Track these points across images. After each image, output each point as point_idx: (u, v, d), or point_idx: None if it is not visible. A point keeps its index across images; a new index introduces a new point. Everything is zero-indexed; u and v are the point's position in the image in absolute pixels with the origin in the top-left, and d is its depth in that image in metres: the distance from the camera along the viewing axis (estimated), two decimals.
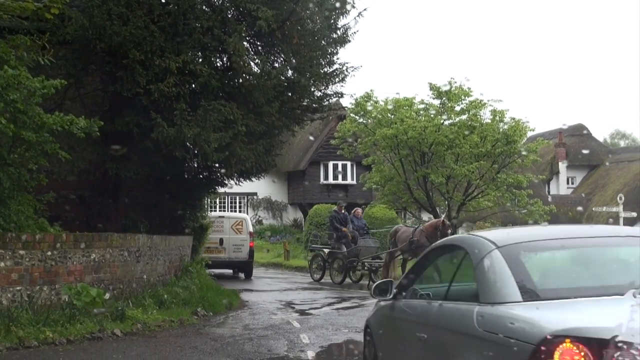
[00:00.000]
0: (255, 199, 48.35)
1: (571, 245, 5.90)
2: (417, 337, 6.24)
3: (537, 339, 4.48)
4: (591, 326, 4.43)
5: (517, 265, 5.35)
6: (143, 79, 13.97)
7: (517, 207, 33.29)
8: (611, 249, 5.94)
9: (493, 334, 5.00)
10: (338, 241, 24.10)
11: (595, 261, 5.74)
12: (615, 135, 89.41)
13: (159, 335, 12.31)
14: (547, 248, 5.85)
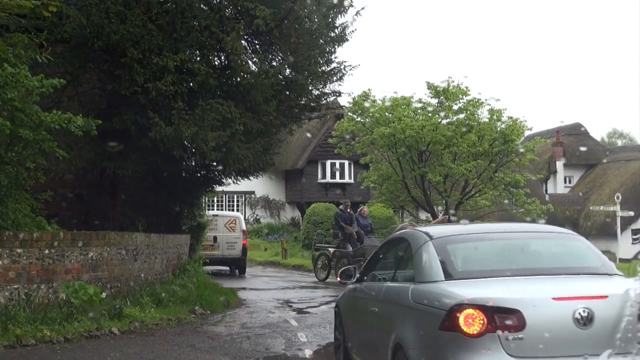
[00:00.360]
0: (253, 198, 48.35)
1: (489, 238, 7.54)
2: (370, 311, 7.96)
3: (449, 306, 6.04)
4: (486, 297, 5.98)
5: (444, 253, 6.90)
6: (141, 78, 13.96)
7: (515, 206, 33.33)
8: (523, 241, 7.55)
9: (420, 304, 6.61)
10: (343, 240, 23.80)
11: (507, 250, 7.25)
12: (613, 134, 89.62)
13: (157, 334, 12.32)
14: (469, 240, 7.46)
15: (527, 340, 5.85)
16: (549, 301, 6.04)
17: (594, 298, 6.06)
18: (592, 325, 5.92)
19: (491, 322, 5.87)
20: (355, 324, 8.90)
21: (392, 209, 37.73)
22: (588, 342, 5.88)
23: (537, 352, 5.87)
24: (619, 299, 5.88)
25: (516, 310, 5.88)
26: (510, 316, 5.88)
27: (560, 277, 6.73)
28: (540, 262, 7.21)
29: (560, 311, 5.97)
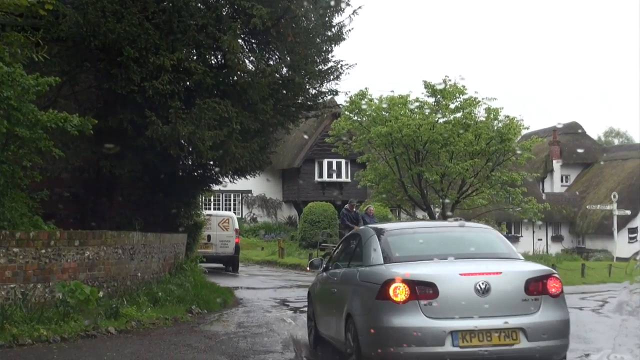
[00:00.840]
0: (249, 197, 48.37)
1: (420, 232, 9.97)
2: (331, 291, 10.18)
3: (382, 281, 8.05)
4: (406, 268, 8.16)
5: (384, 244, 9.01)
6: (137, 77, 13.93)
7: (511, 205, 33.39)
8: (445, 234, 9.95)
9: (365, 282, 8.61)
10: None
11: (432, 241, 9.39)
12: (609, 133, 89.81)
13: (153, 333, 12.29)
14: (404, 234, 9.79)
15: (440, 305, 7.83)
16: (457, 276, 8.06)
17: (490, 274, 8.05)
18: (489, 294, 7.91)
19: (413, 293, 7.84)
20: (321, 304, 10.91)
21: (389, 208, 37.74)
22: (486, 307, 7.90)
23: (447, 314, 7.84)
24: (511, 275, 8.23)
25: (432, 283, 7.89)
26: (427, 288, 7.88)
27: (470, 259, 8.71)
28: (456, 249, 9.12)
29: (465, 284, 7.96)
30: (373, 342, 8.08)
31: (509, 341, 7.89)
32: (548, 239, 52.02)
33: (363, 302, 8.47)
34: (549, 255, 41.65)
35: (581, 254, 47.50)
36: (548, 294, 8.22)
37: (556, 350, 8.29)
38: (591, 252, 48.44)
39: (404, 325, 7.81)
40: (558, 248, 50.67)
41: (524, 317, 7.99)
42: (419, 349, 7.82)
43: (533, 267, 8.73)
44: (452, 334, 7.79)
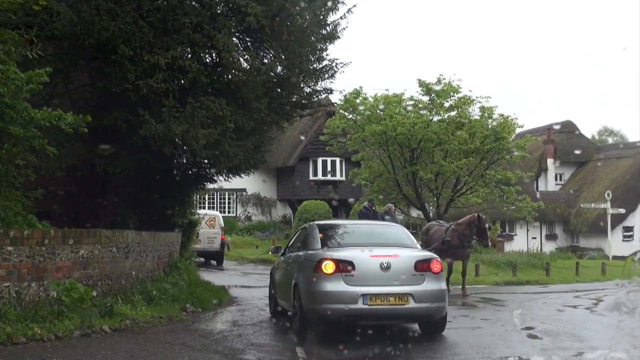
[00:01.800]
0: (244, 195, 48.35)
1: (350, 227, 14.13)
2: (286, 269, 13.57)
3: (317, 260, 11.47)
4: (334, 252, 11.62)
5: (322, 235, 12.64)
6: (132, 75, 13.91)
7: (506, 203, 33.44)
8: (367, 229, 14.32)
9: (307, 261, 12.03)
10: None
11: (356, 233, 13.39)
12: (603, 132, 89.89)
13: (148, 332, 12.27)
14: (338, 228, 13.77)
15: (355, 276, 11.32)
16: (368, 257, 11.58)
17: (391, 256, 11.63)
18: (390, 270, 11.45)
19: (337, 268, 11.33)
20: (278, 279, 14.44)
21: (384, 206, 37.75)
22: (387, 278, 11.40)
23: (360, 282, 11.30)
24: (405, 258, 11.81)
25: (350, 261, 11.41)
26: (347, 265, 11.37)
27: (380, 247, 12.08)
28: (372, 240, 12.78)
29: (373, 262, 11.48)
30: (311, 301, 11.58)
31: (402, 302, 11.41)
32: (542, 238, 52.08)
33: (305, 275, 11.92)
34: (543, 253, 41.66)
35: (575, 252, 47.58)
36: (431, 271, 11.76)
37: (435, 310, 11.81)
38: (585, 250, 48.52)
39: (331, 289, 11.29)
40: (552, 246, 50.74)
41: (413, 286, 11.49)
42: (341, 306, 11.25)
43: (422, 253, 12.46)
44: (363, 296, 11.25)
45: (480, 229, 19.80)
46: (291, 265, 13.06)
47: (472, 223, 19.92)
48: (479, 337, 12.55)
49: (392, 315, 11.66)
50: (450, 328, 13.61)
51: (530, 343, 12.18)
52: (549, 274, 28.45)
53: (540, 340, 12.41)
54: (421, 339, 12.16)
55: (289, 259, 13.54)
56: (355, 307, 11.19)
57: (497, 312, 16.41)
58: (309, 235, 13.11)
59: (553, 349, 11.48)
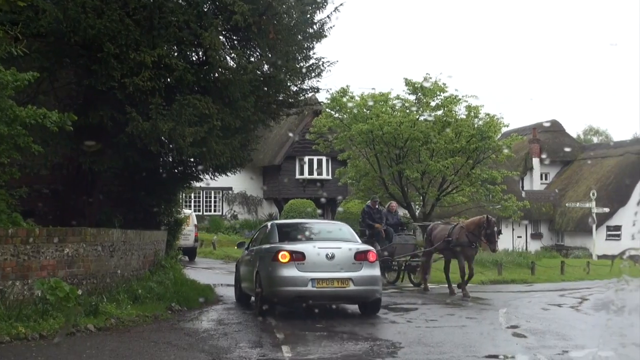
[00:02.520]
0: (230, 194, 48.26)
1: (302, 225, 16.54)
2: (249, 260, 15.87)
3: (275, 251, 13.98)
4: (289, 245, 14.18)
5: (279, 231, 15.25)
6: (118, 73, 13.86)
7: (492, 202, 33.55)
8: (317, 227, 16.52)
9: (267, 252, 14.36)
10: (371, 238, 21.79)
11: (308, 230, 15.41)
12: (589, 131, 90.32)
13: (133, 331, 12.24)
14: (292, 225, 16.66)
15: (306, 265, 13.76)
16: (316, 249, 14.05)
17: (334, 248, 14.20)
18: (334, 259, 13.95)
19: (291, 258, 13.76)
20: (242, 269, 16.77)
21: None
22: (332, 266, 13.90)
23: (310, 269, 13.74)
24: (346, 249, 14.23)
25: (302, 252, 13.87)
26: (299, 255, 13.82)
27: (327, 241, 14.97)
28: (321, 235, 15.55)
29: (321, 253, 13.96)
30: (269, 285, 14.07)
31: (344, 285, 13.97)
32: (527, 236, 52.25)
33: (265, 264, 14.32)
34: (529, 252, 41.81)
35: (560, 251, 47.78)
36: (367, 260, 14.31)
37: (371, 292, 14.38)
38: (570, 249, 48.74)
39: (286, 275, 13.78)
40: (537, 245, 50.93)
41: (353, 273, 14.02)
42: (294, 288, 13.81)
43: (360, 246, 14.89)
44: (311, 280, 13.77)
45: (489, 232, 19.27)
46: (254, 257, 15.49)
47: (481, 225, 19.38)
48: (464, 336, 12.57)
49: (336, 296, 14.39)
50: (436, 327, 13.68)
51: (516, 341, 12.21)
52: (534, 273, 28.54)
53: (525, 338, 12.45)
54: (407, 338, 12.18)
55: (252, 252, 16.02)
56: (305, 289, 13.80)
57: (482, 311, 16.45)
58: (269, 232, 15.69)
59: (538, 348, 11.52)
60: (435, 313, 15.84)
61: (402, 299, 18.78)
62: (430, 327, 13.71)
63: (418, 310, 16.15)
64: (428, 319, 14.68)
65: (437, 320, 14.60)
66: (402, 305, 17.37)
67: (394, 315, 15.37)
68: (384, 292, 19.84)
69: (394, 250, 21.91)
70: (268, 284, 14.04)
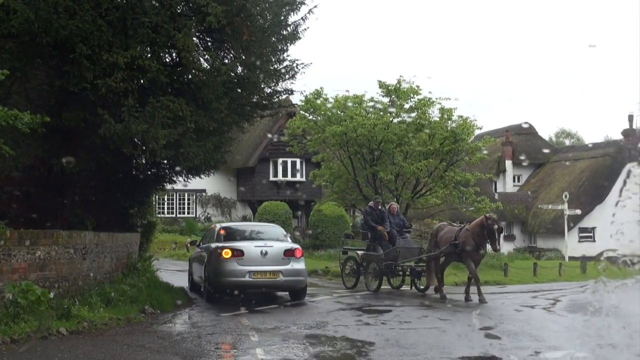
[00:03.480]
0: (204, 196, 48.08)
1: (243, 227, 21.03)
2: (201, 256, 18.54)
3: (220, 249, 17.00)
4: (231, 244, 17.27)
5: (225, 233, 18.26)
6: (90, 74, 13.75)
7: (465, 204, 33.62)
8: (255, 229, 20.09)
9: (214, 249, 17.30)
10: (373, 241, 21.13)
11: (248, 232, 19.08)
12: (561, 134, 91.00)
13: (106, 334, 12.16)
14: (234, 228, 19.60)
15: (244, 260, 16.62)
16: (253, 247, 16.96)
17: (267, 247, 17.03)
18: (267, 255, 16.78)
19: (233, 254, 16.61)
20: (194, 264, 19.95)
21: (344, 207, 37.82)
22: (265, 261, 16.79)
23: (248, 264, 16.59)
24: (278, 247, 17.14)
25: (241, 250, 16.78)
26: (239, 252, 16.73)
27: (262, 240, 17.69)
28: (258, 236, 18.48)
29: (257, 250, 16.84)
30: (215, 276, 16.98)
31: (275, 276, 16.93)
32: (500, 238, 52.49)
33: (212, 258, 17.21)
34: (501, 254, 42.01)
35: (533, 253, 48.07)
36: (294, 256, 17.24)
37: (297, 282, 17.34)
38: (542, 251, 49.08)
39: (228, 268, 16.67)
40: (510, 247, 51.21)
41: (282, 266, 16.98)
42: (234, 279, 16.67)
43: (289, 244, 17.83)
44: (249, 272, 16.69)
45: (490, 230, 18.56)
46: (204, 253, 18.29)
47: (483, 225, 18.74)
48: (438, 337, 12.61)
49: (268, 286, 17.32)
50: (410, 328, 13.71)
51: (490, 342, 12.27)
52: (507, 275, 28.72)
53: (498, 340, 12.51)
54: (381, 339, 12.19)
55: (202, 249, 18.84)
56: (243, 279, 16.71)
57: (456, 312, 16.51)
58: (216, 233, 18.65)
59: (511, 349, 11.59)
60: (409, 315, 15.87)
61: (376, 301, 18.80)
62: (405, 328, 13.74)
63: (392, 312, 16.18)
64: (402, 321, 14.71)
65: (411, 322, 14.63)
66: (376, 307, 17.40)
67: (368, 317, 15.40)
68: (362, 294, 19.99)
69: (397, 254, 20.56)
70: (214, 276, 17.02)
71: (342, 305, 17.54)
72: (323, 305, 17.49)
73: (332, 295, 20.16)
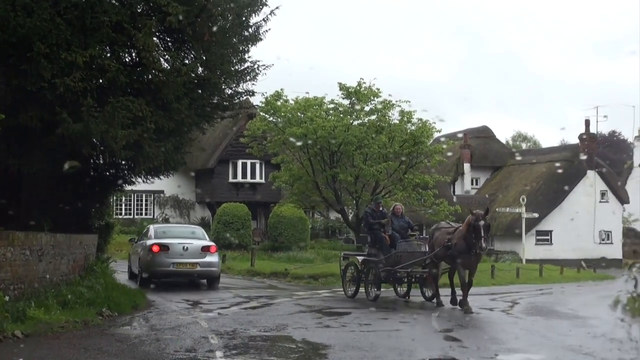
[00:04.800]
0: (162, 197, 47.74)
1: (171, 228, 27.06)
2: (136, 250, 23.50)
3: (151, 244, 21.73)
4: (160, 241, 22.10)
5: (155, 231, 23.39)
6: (48, 73, 13.53)
7: (424, 207, 33.82)
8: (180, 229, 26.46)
9: (146, 245, 22.09)
10: (373, 246, 19.56)
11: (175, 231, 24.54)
12: (517, 137, 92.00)
13: (63, 337, 12.00)
14: (163, 228, 25.25)
15: (170, 253, 21.48)
16: (177, 243, 21.85)
17: (189, 243, 22.06)
18: (188, 250, 21.69)
19: (161, 248, 21.44)
20: (132, 257, 24.11)
21: (303, 209, 37.83)
22: (186, 254, 21.68)
23: (172, 257, 21.48)
24: (196, 244, 22.20)
25: (167, 245, 21.71)
26: (165, 247, 21.56)
27: (185, 238, 22.70)
28: (183, 234, 23.63)
29: (180, 246, 21.75)
30: (147, 266, 21.43)
31: (193, 267, 21.60)
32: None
33: (144, 252, 21.52)
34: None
35: (490, 255, 48.48)
36: (209, 252, 21.89)
37: (211, 272, 22.10)
38: (500, 253, 49.52)
39: (157, 260, 21.10)
40: None
41: (200, 259, 21.60)
42: (162, 268, 21.19)
43: (205, 242, 22.56)
44: (173, 263, 21.18)
45: (475, 226, 16.76)
46: (139, 248, 22.73)
47: (470, 222, 16.98)
48: (398, 340, 12.65)
49: (189, 274, 22.21)
50: (370, 331, 13.75)
51: (449, 345, 12.35)
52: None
53: (458, 342, 12.60)
54: (341, 342, 12.18)
55: (138, 245, 23.27)
56: (169, 269, 21.52)
57: (415, 315, 16.58)
58: (148, 232, 23.63)
59: (471, 351, 11.67)
60: (369, 317, 15.91)
61: (336, 304, 18.83)
62: (364, 331, 13.77)
63: (352, 315, 16.20)
64: (362, 323, 14.75)
65: (371, 325, 14.67)
66: (337, 309, 17.42)
67: (328, 319, 15.40)
68: (323, 296, 20.00)
69: (399, 259, 18.75)
70: (146, 266, 21.71)
71: (302, 307, 17.53)
72: (283, 307, 17.46)
73: (292, 297, 20.16)
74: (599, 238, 52.20)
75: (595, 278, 37.72)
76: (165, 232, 23.52)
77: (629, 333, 14.48)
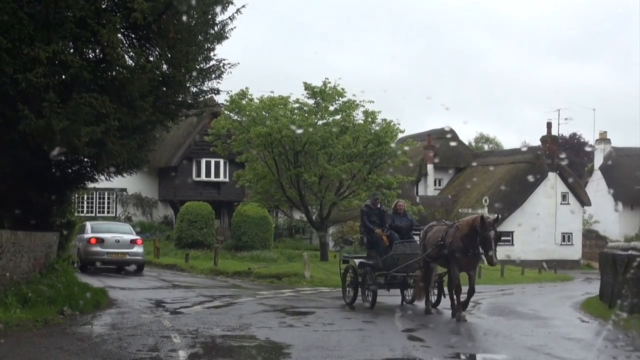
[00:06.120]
0: (124, 195, 47.32)
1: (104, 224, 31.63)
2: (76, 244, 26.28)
3: (88, 238, 27.39)
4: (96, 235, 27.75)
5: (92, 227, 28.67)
6: (10, 68, 13.36)
7: (387, 207, 33.97)
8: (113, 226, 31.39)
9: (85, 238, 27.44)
10: (370, 247, 18.18)
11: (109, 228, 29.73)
12: (480, 139, 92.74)
13: (23, 336, 11.86)
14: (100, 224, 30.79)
15: (105, 244, 27.19)
16: (111, 237, 27.46)
17: (120, 237, 27.70)
18: (119, 242, 27.42)
19: (97, 241, 27.15)
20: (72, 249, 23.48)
21: (267, 208, 37.78)
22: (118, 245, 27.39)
23: (106, 247, 27.20)
24: (126, 237, 27.93)
25: (102, 238, 27.23)
26: (101, 240, 27.20)
27: (116, 233, 28.30)
28: (116, 230, 29.13)
29: (113, 239, 27.43)
30: (85, 255, 27.18)
31: (123, 256, 27.28)
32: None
33: (83, 244, 27.08)
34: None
35: None
36: (137, 244, 27.73)
37: (139, 260, 27.58)
38: None
39: (93, 250, 27.05)
40: None
41: (129, 249, 27.39)
42: (97, 256, 27.00)
43: (134, 236, 28.39)
44: (107, 253, 27.01)
45: (485, 236, 15.25)
46: (78, 241, 26.25)
47: (475, 226, 15.54)
48: (362, 340, 12.68)
49: (119, 262, 27.14)
50: (334, 330, 13.76)
51: (412, 344, 12.41)
52: None
53: (421, 341, 12.66)
54: (305, 342, 12.19)
55: (77, 239, 25.75)
56: (104, 257, 26.76)
57: (378, 315, 16.61)
58: (85, 227, 28.00)
59: (434, 351, 11.74)
60: (332, 317, 15.93)
61: (299, 303, 18.83)
62: (328, 330, 13.78)
63: (315, 314, 16.22)
64: (325, 323, 14.76)
65: (335, 324, 14.68)
66: (300, 309, 17.42)
67: (292, 319, 15.40)
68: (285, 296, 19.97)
69: (395, 262, 17.40)
70: (84, 255, 26.97)
71: (266, 307, 17.50)
72: (246, 307, 17.42)
73: (255, 296, 20.11)
74: (560, 239, 52.76)
75: (556, 279, 38.11)
76: (101, 228, 28.99)
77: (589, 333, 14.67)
